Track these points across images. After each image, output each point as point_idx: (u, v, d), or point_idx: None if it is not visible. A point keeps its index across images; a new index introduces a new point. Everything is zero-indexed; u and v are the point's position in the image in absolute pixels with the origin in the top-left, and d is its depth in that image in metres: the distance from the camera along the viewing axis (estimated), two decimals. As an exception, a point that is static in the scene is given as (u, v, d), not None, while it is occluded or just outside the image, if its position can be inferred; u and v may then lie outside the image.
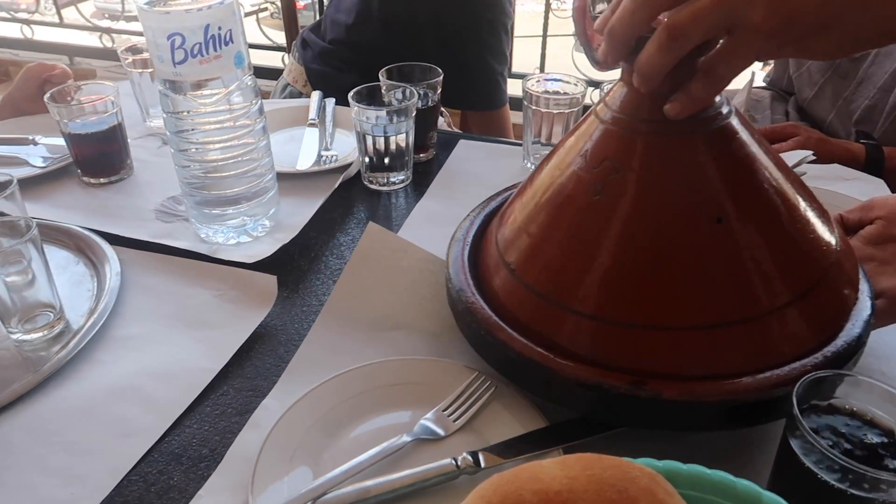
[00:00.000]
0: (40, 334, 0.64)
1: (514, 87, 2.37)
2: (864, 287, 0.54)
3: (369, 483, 0.48)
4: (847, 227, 0.62)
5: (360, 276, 0.68)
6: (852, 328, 0.51)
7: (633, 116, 0.51)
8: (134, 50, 1.01)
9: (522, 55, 2.55)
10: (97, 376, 0.60)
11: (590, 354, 0.49)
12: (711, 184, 0.49)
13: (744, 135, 0.51)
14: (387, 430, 0.54)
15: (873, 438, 0.42)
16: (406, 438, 0.52)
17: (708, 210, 0.49)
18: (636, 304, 0.49)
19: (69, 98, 0.90)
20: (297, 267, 0.74)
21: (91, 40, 3.06)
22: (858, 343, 0.50)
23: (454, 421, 0.54)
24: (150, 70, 1.00)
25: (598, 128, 0.52)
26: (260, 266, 0.71)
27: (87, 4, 3.64)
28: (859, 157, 1.06)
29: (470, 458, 0.50)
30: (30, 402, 0.57)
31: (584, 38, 0.77)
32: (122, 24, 2.88)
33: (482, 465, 0.49)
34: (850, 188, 0.85)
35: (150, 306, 0.68)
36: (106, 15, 3.87)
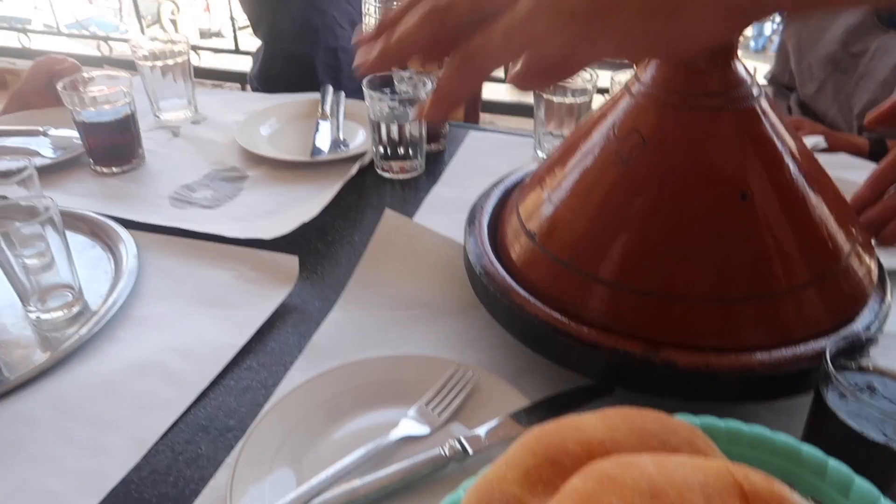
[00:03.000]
0: (59, 314, 0.63)
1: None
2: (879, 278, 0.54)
3: (357, 483, 0.46)
4: (863, 202, 0.62)
5: (380, 260, 0.68)
6: (867, 316, 0.51)
7: (663, 90, 0.51)
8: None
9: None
10: (119, 353, 0.60)
11: (607, 321, 0.50)
12: (738, 160, 0.50)
13: (772, 116, 0.51)
14: (370, 431, 0.51)
15: (904, 396, 0.43)
16: (392, 437, 0.50)
17: (733, 185, 0.49)
18: (655, 272, 0.49)
19: (81, 89, 0.90)
20: (314, 250, 0.74)
21: (87, 49, 3.07)
22: (871, 331, 0.50)
23: (439, 415, 0.52)
24: (160, 63, 1.01)
25: (629, 101, 0.53)
26: (277, 248, 0.71)
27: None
28: (863, 150, 1.08)
29: (458, 445, 0.48)
30: (52, 379, 0.57)
31: None
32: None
33: (469, 452, 0.48)
34: (860, 175, 0.85)
35: (169, 287, 0.68)
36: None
